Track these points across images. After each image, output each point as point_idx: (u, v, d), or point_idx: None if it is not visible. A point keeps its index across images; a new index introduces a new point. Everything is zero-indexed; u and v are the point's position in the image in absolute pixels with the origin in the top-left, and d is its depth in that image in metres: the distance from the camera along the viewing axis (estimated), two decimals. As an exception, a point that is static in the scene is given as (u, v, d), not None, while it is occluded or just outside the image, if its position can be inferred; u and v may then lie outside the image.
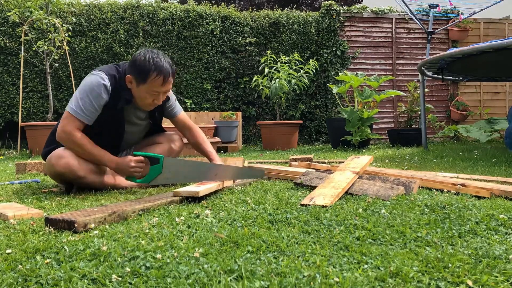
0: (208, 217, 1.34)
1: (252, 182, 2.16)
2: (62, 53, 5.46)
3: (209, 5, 6.99)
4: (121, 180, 2.12)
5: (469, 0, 6.20)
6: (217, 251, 1.00)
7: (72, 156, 1.91)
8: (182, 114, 2.29)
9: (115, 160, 1.95)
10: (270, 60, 5.78)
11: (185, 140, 2.43)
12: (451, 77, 4.48)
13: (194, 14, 6.63)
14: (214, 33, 6.71)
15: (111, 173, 2.11)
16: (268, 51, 6.01)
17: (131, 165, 1.92)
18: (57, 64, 5.59)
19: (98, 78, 1.92)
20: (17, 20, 5.01)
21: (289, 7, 7.95)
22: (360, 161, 2.11)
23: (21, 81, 5.29)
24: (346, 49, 7.17)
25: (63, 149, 1.94)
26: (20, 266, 0.90)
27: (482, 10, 6.14)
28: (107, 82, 1.92)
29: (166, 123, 2.78)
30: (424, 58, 5.78)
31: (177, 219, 1.30)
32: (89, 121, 1.92)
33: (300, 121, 5.91)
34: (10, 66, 5.91)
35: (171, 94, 2.22)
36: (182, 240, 1.10)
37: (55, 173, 1.93)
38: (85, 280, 0.83)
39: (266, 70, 5.69)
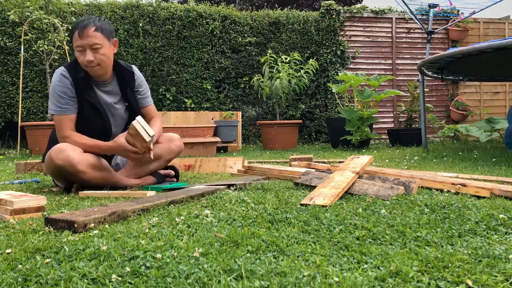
0: (208, 217, 1.34)
1: (252, 182, 2.16)
2: (62, 53, 5.46)
3: (209, 5, 6.99)
4: (124, 179, 2.13)
5: (469, 0, 6.20)
6: (217, 250, 1.00)
7: (73, 150, 1.93)
8: (151, 106, 2.36)
9: (110, 143, 2.07)
10: (270, 60, 5.78)
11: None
12: (451, 77, 4.48)
13: (194, 13, 6.62)
14: (214, 32, 6.71)
15: (113, 171, 2.13)
16: (269, 51, 6.01)
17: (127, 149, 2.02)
18: (57, 64, 5.59)
19: (56, 73, 2.08)
20: (17, 20, 5.00)
21: (289, 7, 7.94)
22: (360, 161, 2.11)
23: (21, 80, 5.29)
24: (346, 49, 7.17)
25: (64, 143, 1.97)
26: (20, 266, 0.90)
27: (482, 10, 6.14)
28: (64, 72, 2.06)
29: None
30: (424, 58, 5.78)
31: (177, 219, 1.30)
32: (72, 111, 2.07)
33: (300, 121, 5.91)
34: (10, 66, 5.90)
35: (144, 82, 2.32)
36: (182, 240, 1.10)
37: (54, 167, 1.93)
38: (85, 280, 0.83)
39: (266, 69, 5.69)
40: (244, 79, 6.81)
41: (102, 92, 2.16)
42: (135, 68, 2.28)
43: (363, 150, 4.80)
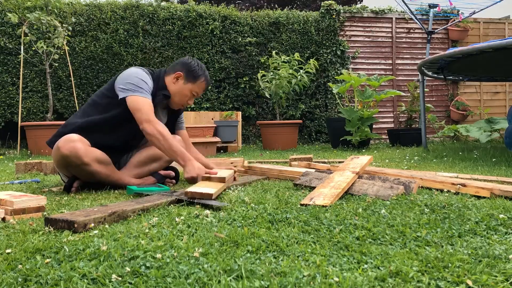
0: (208, 217, 1.34)
1: (252, 182, 2.16)
2: (61, 53, 5.46)
3: (209, 5, 6.99)
4: (125, 178, 2.13)
5: (469, 0, 6.20)
6: (217, 251, 1.00)
7: (81, 142, 1.94)
8: (185, 131, 2.47)
9: (189, 157, 2.03)
10: (275, 61, 5.77)
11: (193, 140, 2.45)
12: (451, 77, 4.48)
13: (194, 14, 6.63)
14: (214, 33, 6.71)
15: (117, 171, 2.14)
16: (273, 52, 6.01)
17: (201, 169, 1.99)
18: (56, 64, 5.59)
19: (139, 70, 2.13)
20: (16, 21, 5.00)
21: (289, 7, 7.95)
22: (360, 161, 2.11)
23: (20, 81, 5.29)
24: (346, 49, 7.17)
25: (74, 134, 1.97)
26: (20, 266, 0.90)
27: (482, 10, 6.14)
28: (147, 73, 2.15)
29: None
30: (424, 58, 5.78)
31: (177, 219, 1.30)
32: (149, 97, 2.09)
33: (300, 121, 5.91)
34: (10, 66, 5.90)
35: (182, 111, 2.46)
36: (182, 240, 1.10)
37: (60, 156, 1.93)
38: (85, 280, 0.83)
39: (271, 69, 5.68)
40: (244, 79, 6.81)
41: (159, 113, 2.24)
42: None
43: (363, 150, 4.80)
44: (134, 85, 2.05)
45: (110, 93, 2.11)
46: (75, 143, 1.92)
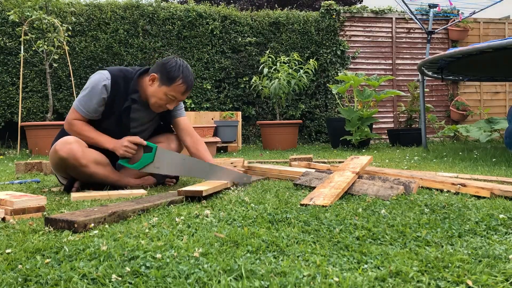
0: (208, 217, 1.34)
1: (252, 182, 2.16)
2: (62, 53, 5.45)
3: (209, 5, 6.99)
4: (124, 178, 2.13)
5: (469, 0, 6.20)
6: (217, 251, 1.00)
7: (78, 144, 1.95)
8: (185, 118, 2.32)
9: (113, 141, 2.04)
10: (268, 60, 5.77)
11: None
12: (451, 77, 4.48)
13: (194, 14, 6.62)
14: (214, 33, 6.71)
15: (117, 172, 2.14)
16: (267, 51, 6.01)
17: (124, 144, 2.00)
18: (56, 64, 5.59)
19: (100, 77, 2.03)
20: (17, 20, 5.00)
21: (289, 7, 7.95)
22: (360, 161, 2.11)
23: (20, 80, 5.29)
24: (346, 49, 7.17)
25: (70, 136, 1.99)
26: (20, 266, 0.90)
27: (482, 10, 6.14)
28: (107, 82, 2.02)
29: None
30: (424, 58, 5.78)
31: (177, 219, 1.30)
32: (89, 116, 2.04)
33: (300, 121, 5.90)
34: (10, 66, 5.90)
35: None
36: (182, 240, 1.10)
37: (58, 159, 1.94)
38: (85, 280, 0.83)
39: (266, 70, 5.69)
40: (244, 79, 6.81)
41: (140, 114, 2.17)
42: None
43: (363, 150, 4.80)
44: (82, 95, 2.04)
45: None
46: (72, 145, 1.93)
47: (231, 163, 2.72)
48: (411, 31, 7.48)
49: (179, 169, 2.05)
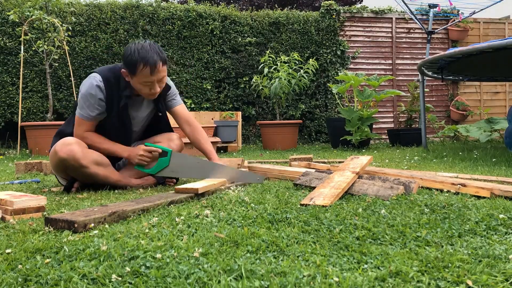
0: (208, 217, 1.34)
1: (252, 182, 2.16)
2: (62, 53, 5.45)
3: (209, 5, 6.99)
4: (125, 178, 2.13)
5: (469, 0, 6.20)
6: (217, 251, 1.00)
7: (78, 144, 1.96)
8: (182, 106, 2.31)
9: (127, 150, 2.10)
10: (269, 60, 5.77)
11: (185, 140, 2.42)
12: (451, 77, 4.48)
13: (194, 14, 6.63)
14: (214, 33, 6.71)
15: (117, 172, 2.15)
16: (268, 51, 6.01)
17: (140, 153, 2.07)
18: (57, 64, 5.59)
19: (92, 81, 2.04)
20: (17, 20, 5.00)
21: (289, 7, 7.94)
22: (360, 161, 2.11)
23: (20, 80, 5.29)
24: (346, 49, 7.18)
25: (70, 137, 2.00)
26: (20, 266, 0.90)
27: (482, 10, 6.14)
28: (100, 84, 2.03)
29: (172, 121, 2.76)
30: (424, 58, 5.78)
31: (177, 219, 1.30)
32: (95, 119, 2.08)
33: (300, 121, 5.91)
34: (10, 66, 5.90)
35: (171, 84, 2.27)
36: (182, 240, 1.10)
37: (58, 160, 1.94)
38: (85, 280, 0.83)
39: (266, 70, 5.69)
40: (244, 79, 6.81)
41: (139, 108, 2.19)
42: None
43: (363, 150, 4.80)
44: (81, 103, 2.05)
45: None
46: (72, 146, 1.93)
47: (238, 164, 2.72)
48: (411, 31, 7.48)
49: (193, 172, 2.09)
